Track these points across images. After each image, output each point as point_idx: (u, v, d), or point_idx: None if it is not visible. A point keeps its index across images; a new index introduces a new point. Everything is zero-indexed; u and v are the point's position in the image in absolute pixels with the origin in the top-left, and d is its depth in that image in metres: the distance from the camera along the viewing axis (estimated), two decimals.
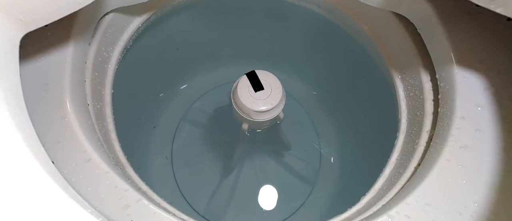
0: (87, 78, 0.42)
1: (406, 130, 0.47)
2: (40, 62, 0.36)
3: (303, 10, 0.61)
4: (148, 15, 0.52)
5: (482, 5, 0.29)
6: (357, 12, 0.54)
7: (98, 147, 0.37)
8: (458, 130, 0.35)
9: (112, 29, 0.47)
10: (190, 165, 0.80)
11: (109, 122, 0.46)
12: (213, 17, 0.68)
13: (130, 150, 0.47)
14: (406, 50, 0.46)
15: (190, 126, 0.85)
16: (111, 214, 0.33)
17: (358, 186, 0.62)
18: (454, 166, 0.34)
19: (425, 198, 0.33)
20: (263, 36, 0.77)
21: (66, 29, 0.38)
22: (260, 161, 0.82)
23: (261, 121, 0.50)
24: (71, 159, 0.34)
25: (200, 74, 0.87)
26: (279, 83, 0.49)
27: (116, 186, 0.34)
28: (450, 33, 0.38)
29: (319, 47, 0.73)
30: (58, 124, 0.35)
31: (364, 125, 0.74)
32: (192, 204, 0.76)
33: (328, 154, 0.83)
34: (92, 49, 0.44)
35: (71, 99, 0.36)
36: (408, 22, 0.44)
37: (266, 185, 0.79)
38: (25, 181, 0.21)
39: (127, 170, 0.42)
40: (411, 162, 0.41)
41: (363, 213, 0.38)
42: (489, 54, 0.36)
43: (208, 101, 0.87)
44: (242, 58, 0.85)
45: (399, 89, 0.49)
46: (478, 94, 0.35)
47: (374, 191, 0.43)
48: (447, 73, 0.38)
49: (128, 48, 0.52)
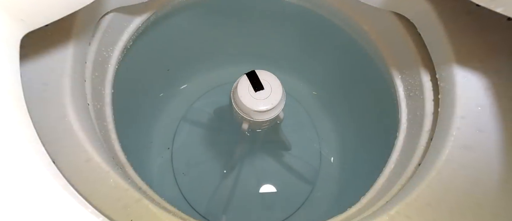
0: (87, 78, 0.42)
1: (406, 130, 0.47)
2: (40, 62, 0.36)
3: (303, 10, 0.61)
4: (148, 15, 0.52)
5: (482, 4, 0.29)
6: (357, 12, 0.54)
7: (98, 146, 0.37)
8: (459, 130, 0.35)
9: (112, 29, 0.47)
10: (190, 165, 0.80)
11: (109, 122, 0.46)
12: (213, 17, 0.68)
13: (130, 150, 0.47)
14: (406, 50, 0.46)
15: (190, 126, 0.85)
16: (111, 213, 0.33)
17: (358, 186, 0.62)
18: (454, 166, 0.34)
19: (425, 198, 0.33)
20: (263, 36, 0.77)
21: (66, 29, 0.38)
22: (260, 161, 0.82)
23: (261, 121, 0.50)
24: (71, 159, 0.34)
25: (200, 74, 0.87)
26: (279, 83, 0.49)
27: (116, 186, 0.34)
28: (450, 33, 0.38)
29: (319, 47, 0.73)
30: (58, 124, 0.35)
31: (364, 125, 0.74)
32: (192, 204, 0.76)
33: (328, 154, 0.83)
34: (92, 49, 0.44)
35: (71, 99, 0.36)
36: (409, 22, 0.44)
37: (266, 185, 0.79)
38: (26, 181, 0.21)
39: (127, 170, 0.42)
40: (411, 162, 0.41)
41: (363, 213, 0.38)
42: (489, 54, 0.36)
43: (208, 101, 0.87)
44: (242, 58, 0.85)
45: (399, 89, 0.49)
46: (478, 94, 0.35)
47: (374, 191, 0.43)
48: (447, 73, 0.38)
49: (128, 48, 0.52)
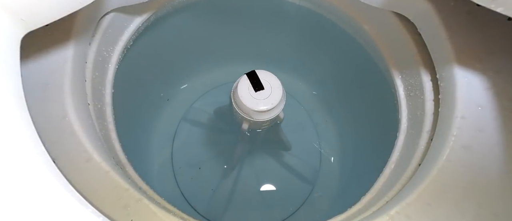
0: (88, 78, 0.42)
1: (406, 130, 0.47)
2: (41, 62, 0.36)
3: (304, 10, 0.61)
4: (148, 15, 0.52)
5: (483, 4, 0.29)
6: (357, 12, 0.54)
7: (98, 146, 0.37)
8: (459, 130, 0.35)
9: (112, 29, 0.47)
10: (190, 165, 0.80)
11: (110, 122, 0.46)
12: (213, 17, 0.68)
13: (130, 149, 0.47)
14: (407, 49, 0.46)
15: (190, 126, 0.85)
16: (111, 213, 0.33)
17: (358, 186, 0.62)
18: (455, 166, 0.34)
19: (425, 198, 0.33)
20: (263, 36, 0.77)
21: (66, 29, 0.38)
22: (260, 161, 0.82)
23: (261, 121, 0.50)
24: (72, 159, 0.34)
25: (200, 74, 0.87)
26: (279, 83, 0.49)
27: (116, 185, 0.34)
28: (450, 33, 0.38)
29: (319, 47, 0.73)
30: (59, 124, 0.35)
31: (364, 125, 0.74)
32: (192, 204, 0.76)
33: (328, 154, 0.83)
34: (92, 49, 0.44)
35: (71, 98, 0.36)
36: (409, 21, 0.44)
37: (266, 185, 0.79)
38: (26, 180, 0.21)
39: (127, 169, 0.42)
40: (411, 162, 0.41)
41: (363, 213, 0.38)
42: (489, 54, 0.36)
43: (208, 101, 0.87)
44: (242, 58, 0.85)
45: (400, 89, 0.49)
46: (478, 94, 0.35)
47: (374, 191, 0.43)
48: (447, 72, 0.38)
49: (128, 48, 0.52)
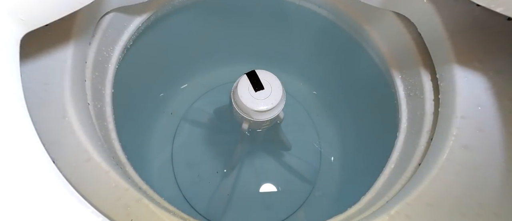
0: (88, 78, 0.42)
1: (406, 130, 0.47)
2: (41, 62, 0.36)
3: (304, 10, 0.61)
4: (148, 15, 0.52)
5: (483, 4, 0.29)
6: (357, 12, 0.54)
7: (98, 146, 0.37)
8: (459, 130, 0.35)
9: (112, 29, 0.47)
10: (190, 165, 0.80)
11: (110, 122, 0.46)
12: (213, 17, 0.68)
13: (130, 149, 0.47)
14: (407, 50, 0.46)
15: (190, 126, 0.85)
16: (111, 213, 0.33)
17: (358, 186, 0.62)
18: (455, 165, 0.34)
19: (425, 198, 0.33)
20: (263, 36, 0.77)
21: (66, 29, 0.38)
22: (260, 160, 0.82)
23: (261, 121, 0.50)
24: (72, 159, 0.34)
25: (200, 74, 0.87)
26: (279, 83, 0.49)
27: (116, 185, 0.34)
28: (450, 33, 0.38)
29: (319, 46, 0.73)
30: (59, 123, 0.35)
31: (364, 125, 0.74)
32: (192, 204, 0.76)
33: (328, 153, 0.83)
34: (92, 49, 0.44)
35: (71, 98, 0.36)
36: (409, 22, 0.44)
37: (266, 185, 0.79)
38: (26, 180, 0.21)
39: (127, 169, 0.42)
40: (411, 162, 0.41)
41: (363, 213, 0.38)
42: (489, 54, 0.36)
43: (208, 101, 0.87)
44: (242, 58, 0.85)
45: (400, 88, 0.49)
46: (478, 94, 0.35)
47: (374, 191, 0.43)
48: (447, 72, 0.38)
49: (128, 48, 0.52)
